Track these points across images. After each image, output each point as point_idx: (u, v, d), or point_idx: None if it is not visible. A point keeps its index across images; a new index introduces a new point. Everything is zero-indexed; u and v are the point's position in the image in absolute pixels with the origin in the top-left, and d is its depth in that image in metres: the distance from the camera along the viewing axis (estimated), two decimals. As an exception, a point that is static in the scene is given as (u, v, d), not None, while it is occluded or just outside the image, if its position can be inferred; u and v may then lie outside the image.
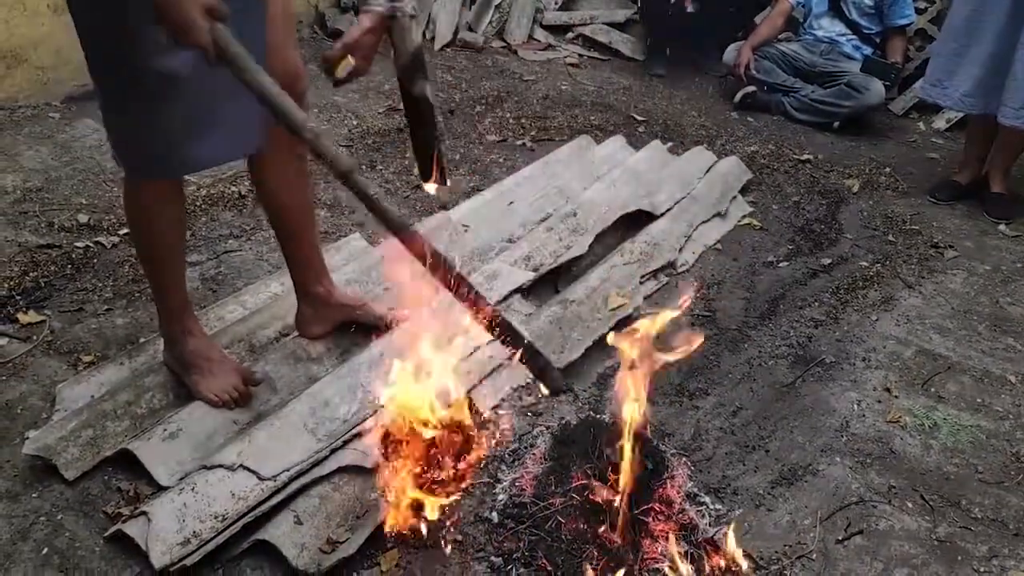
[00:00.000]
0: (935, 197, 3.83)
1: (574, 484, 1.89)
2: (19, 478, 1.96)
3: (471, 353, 2.37)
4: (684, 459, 2.18)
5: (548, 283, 2.87)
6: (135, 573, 1.77)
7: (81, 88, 3.81)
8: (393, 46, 1.80)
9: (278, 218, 2.21)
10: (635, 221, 3.17)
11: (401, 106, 4.30)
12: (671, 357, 1.85)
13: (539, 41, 5.44)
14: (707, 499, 2.06)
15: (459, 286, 1.73)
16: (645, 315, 2.06)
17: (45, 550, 1.80)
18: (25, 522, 1.86)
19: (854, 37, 4.68)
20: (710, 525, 1.95)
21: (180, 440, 1.99)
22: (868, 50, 4.65)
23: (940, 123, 4.76)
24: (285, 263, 2.31)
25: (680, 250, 3.11)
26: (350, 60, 1.78)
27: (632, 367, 1.79)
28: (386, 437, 2.01)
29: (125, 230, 2.87)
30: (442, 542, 1.90)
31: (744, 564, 1.87)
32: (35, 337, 2.40)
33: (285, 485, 1.92)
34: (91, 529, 1.86)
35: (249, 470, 1.92)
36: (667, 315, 1.88)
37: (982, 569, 1.96)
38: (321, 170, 3.49)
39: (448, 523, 1.93)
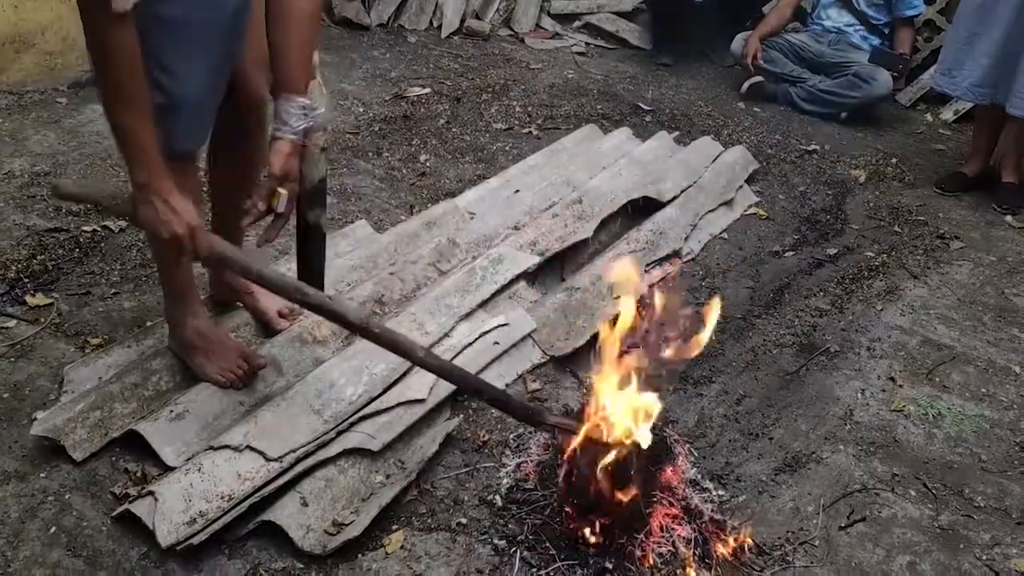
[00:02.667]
0: (941, 188, 3.82)
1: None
2: (27, 458, 1.98)
3: (476, 339, 2.38)
4: (688, 446, 2.19)
5: (554, 271, 2.87)
6: (142, 552, 1.79)
7: (88, 73, 3.81)
8: (300, 172, 1.85)
9: (220, 199, 2.26)
10: (641, 210, 3.18)
11: (407, 94, 4.32)
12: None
13: (546, 30, 5.43)
14: (710, 485, 2.06)
15: None
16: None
17: (53, 529, 1.82)
18: (33, 501, 1.87)
19: (862, 27, 4.66)
20: (713, 511, 1.96)
21: (187, 421, 2.00)
22: (876, 40, 4.64)
23: (948, 114, 4.75)
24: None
25: (686, 239, 3.11)
26: (283, 191, 1.81)
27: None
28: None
29: (132, 214, 2.88)
30: (447, 525, 1.92)
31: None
32: (43, 319, 2.41)
33: (291, 466, 1.94)
34: (98, 509, 1.87)
35: (256, 451, 1.93)
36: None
37: (984, 557, 1.97)
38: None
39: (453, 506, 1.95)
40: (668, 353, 1.88)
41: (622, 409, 1.81)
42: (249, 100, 1.99)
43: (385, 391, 2.19)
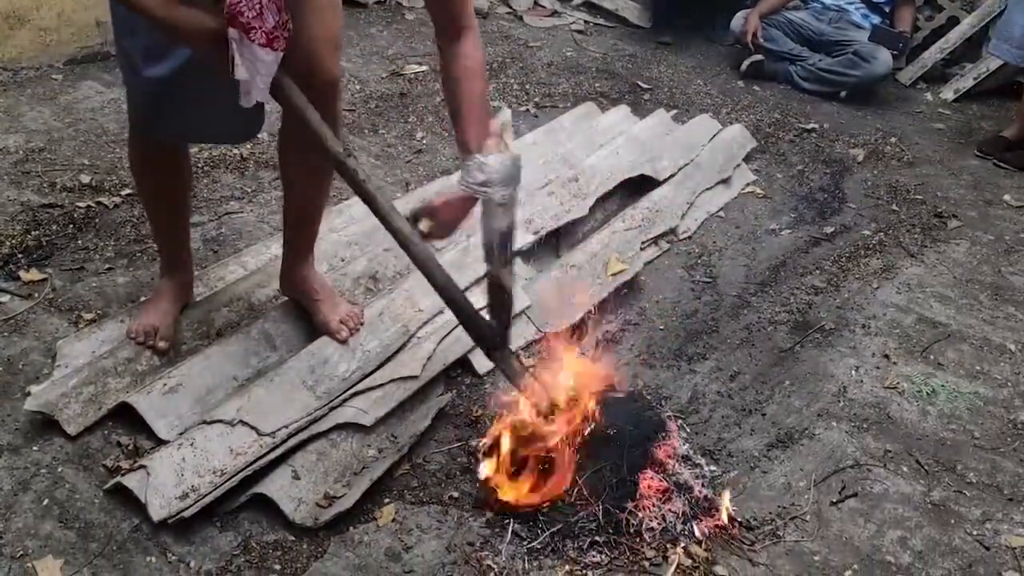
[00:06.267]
0: (982, 152, 3.93)
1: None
2: (20, 432, 1.98)
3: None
4: (680, 421, 2.19)
5: (549, 248, 2.87)
6: (133, 525, 1.79)
7: (83, 50, 3.80)
8: (482, 223, 1.83)
9: (287, 201, 2.20)
10: (638, 188, 3.16)
11: (404, 72, 4.29)
12: None
13: (544, 7, 5.39)
14: (702, 461, 2.06)
15: None
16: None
17: (45, 501, 1.82)
18: (26, 474, 1.88)
19: (863, 6, 4.63)
20: (704, 486, 1.97)
21: (180, 394, 2.01)
22: (876, 19, 4.61)
23: (948, 94, 4.72)
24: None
25: (682, 217, 3.10)
26: (421, 224, 1.85)
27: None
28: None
29: (127, 191, 2.87)
30: (438, 498, 1.93)
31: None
32: (37, 295, 2.40)
33: (283, 441, 1.94)
34: (91, 482, 1.88)
35: (248, 426, 1.93)
36: None
37: (975, 532, 1.97)
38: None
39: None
40: None
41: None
42: (321, 82, 1.89)
43: (378, 368, 2.19)
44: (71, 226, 2.71)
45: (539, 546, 1.81)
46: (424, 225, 1.86)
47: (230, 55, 1.59)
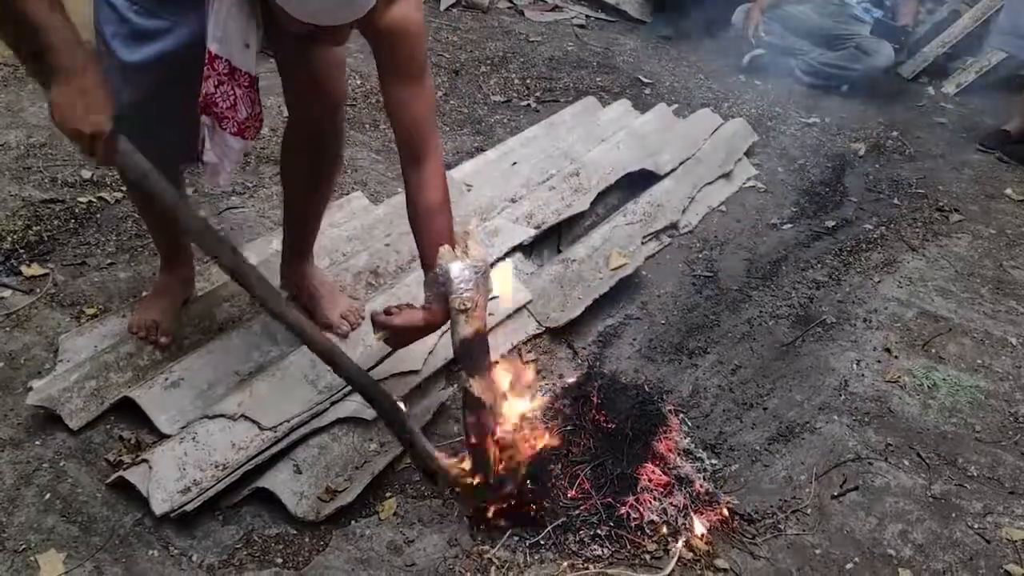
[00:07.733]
0: (983, 146, 3.93)
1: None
2: (23, 426, 1.99)
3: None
4: (682, 415, 2.19)
5: (550, 243, 2.87)
6: (136, 518, 1.80)
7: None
8: (451, 333, 1.80)
9: (288, 199, 2.22)
10: (639, 182, 3.16)
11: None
12: None
13: (546, 2, 5.39)
14: (703, 454, 2.07)
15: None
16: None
17: (48, 495, 1.83)
18: (28, 468, 1.88)
19: (865, -1, 4.63)
20: (705, 480, 1.97)
21: (181, 389, 2.01)
22: (878, 13, 4.59)
23: (950, 88, 4.71)
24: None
25: (683, 211, 3.10)
26: (376, 334, 1.87)
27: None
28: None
29: (128, 186, 2.88)
30: (440, 492, 1.94)
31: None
32: (38, 290, 2.41)
33: (285, 435, 1.94)
34: (93, 476, 1.88)
35: (250, 420, 1.94)
36: None
37: (976, 525, 1.98)
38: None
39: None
40: None
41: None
42: (328, 103, 1.95)
43: (380, 362, 2.19)
44: (72, 221, 2.71)
45: (540, 540, 1.81)
46: (379, 335, 1.85)
47: (201, 139, 1.61)
